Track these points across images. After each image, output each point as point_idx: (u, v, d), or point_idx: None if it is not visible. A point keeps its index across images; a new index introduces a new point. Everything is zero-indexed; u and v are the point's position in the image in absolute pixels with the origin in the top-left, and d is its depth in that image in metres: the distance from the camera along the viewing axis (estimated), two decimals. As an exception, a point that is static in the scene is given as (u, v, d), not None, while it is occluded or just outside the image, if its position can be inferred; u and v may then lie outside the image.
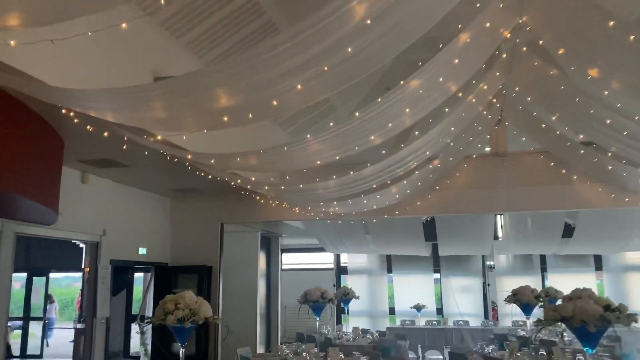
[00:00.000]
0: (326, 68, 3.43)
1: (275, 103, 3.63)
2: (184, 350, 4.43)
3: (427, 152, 6.91)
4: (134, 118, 4.11)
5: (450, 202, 9.38)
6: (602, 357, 6.45)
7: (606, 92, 5.62)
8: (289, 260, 15.32)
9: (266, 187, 6.74)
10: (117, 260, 8.98)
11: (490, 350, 7.33)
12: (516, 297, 7.65)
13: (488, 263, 13.94)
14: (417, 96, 4.87)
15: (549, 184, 9.00)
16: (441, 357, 11.98)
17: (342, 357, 6.82)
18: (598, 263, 13.43)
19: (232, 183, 6.58)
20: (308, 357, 6.85)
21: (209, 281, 10.22)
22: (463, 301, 13.81)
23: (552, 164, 8.94)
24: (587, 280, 12.88)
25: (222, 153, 5.00)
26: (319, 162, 5.57)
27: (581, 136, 7.70)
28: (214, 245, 10.48)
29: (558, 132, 7.52)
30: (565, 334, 8.71)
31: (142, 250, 9.80)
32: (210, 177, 6.28)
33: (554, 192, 8.98)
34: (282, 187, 6.82)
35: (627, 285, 12.96)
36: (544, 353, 6.65)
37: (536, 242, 12.18)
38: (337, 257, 15.35)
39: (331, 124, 4.49)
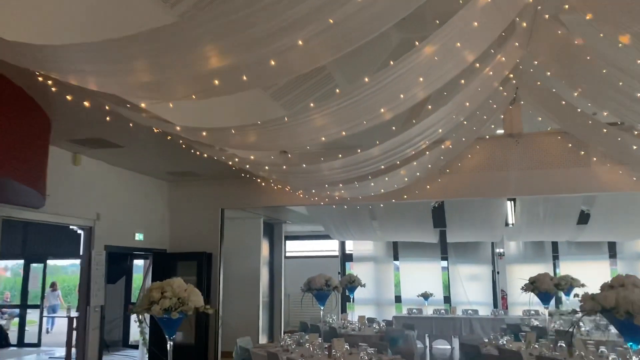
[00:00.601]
0: (331, 21, 2.97)
1: (273, 63, 3.17)
2: (172, 344, 4.01)
3: (440, 130, 6.44)
4: (117, 83, 3.68)
5: (461, 186, 8.92)
6: (627, 350, 6.00)
7: (639, 61, 5.12)
8: (292, 247, 14.99)
9: (267, 168, 6.29)
10: (112, 246, 8.60)
11: (505, 342, 6.90)
12: (534, 285, 7.19)
13: (498, 250, 13.54)
14: (431, 64, 4.41)
15: (566, 167, 8.52)
16: (449, 347, 11.63)
17: (348, 348, 6.37)
18: (612, 250, 13.02)
19: (230, 163, 6.14)
20: (311, 348, 6.41)
21: (209, 268, 9.87)
22: (472, 290, 13.46)
23: (570, 145, 8.46)
24: (600, 267, 12.49)
25: (215, 127, 4.55)
26: (323, 139, 5.12)
27: (605, 113, 7.20)
28: (214, 231, 10.12)
29: (579, 110, 7.02)
30: (581, 324, 8.28)
31: (139, 236, 9.42)
32: (206, 156, 5.84)
33: (571, 175, 8.51)
34: (284, 167, 6.37)
35: (643, 274, 12.53)
36: (563, 345, 6.23)
37: (550, 228, 11.74)
38: (342, 245, 15.02)
39: (337, 90, 4.02)
